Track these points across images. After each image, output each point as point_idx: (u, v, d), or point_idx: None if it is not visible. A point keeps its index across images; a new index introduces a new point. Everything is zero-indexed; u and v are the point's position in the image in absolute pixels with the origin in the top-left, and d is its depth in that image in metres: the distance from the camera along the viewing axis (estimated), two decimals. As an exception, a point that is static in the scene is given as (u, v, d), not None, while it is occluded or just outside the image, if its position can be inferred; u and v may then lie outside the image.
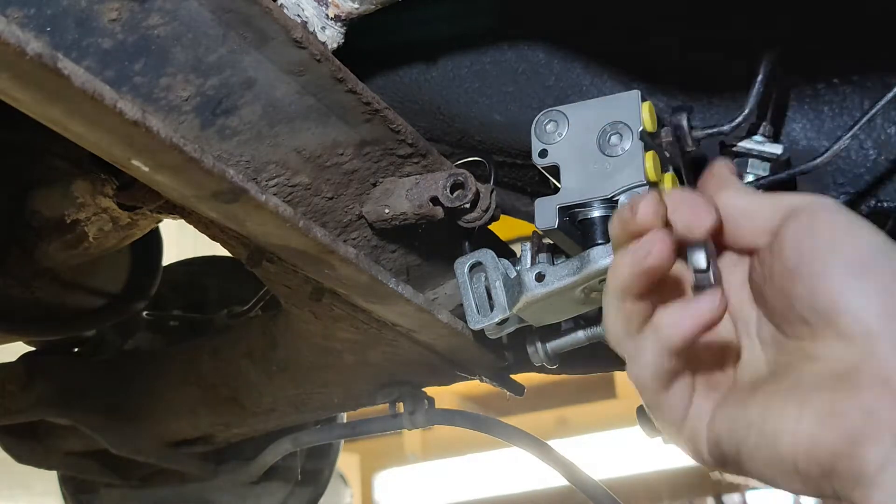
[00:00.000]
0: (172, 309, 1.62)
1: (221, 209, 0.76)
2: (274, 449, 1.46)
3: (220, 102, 0.71)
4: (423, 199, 0.83)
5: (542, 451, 1.26)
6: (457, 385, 1.29)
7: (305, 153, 0.79)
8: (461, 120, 0.94)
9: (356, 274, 0.88)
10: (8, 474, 2.43)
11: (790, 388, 0.56)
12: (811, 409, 0.54)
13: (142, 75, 0.65)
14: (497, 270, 0.89)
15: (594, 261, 0.78)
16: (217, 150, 0.73)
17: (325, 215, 0.85)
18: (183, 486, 1.66)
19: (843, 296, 0.54)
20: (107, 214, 1.14)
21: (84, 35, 0.61)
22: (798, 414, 0.54)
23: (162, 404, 1.44)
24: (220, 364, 1.35)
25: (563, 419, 6.79)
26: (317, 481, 1.71)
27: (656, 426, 0.62)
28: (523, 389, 1.29)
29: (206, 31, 0.66)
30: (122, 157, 0.68)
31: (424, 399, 1.30)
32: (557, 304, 0.84)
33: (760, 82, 0.77)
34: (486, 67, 0.91)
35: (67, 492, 1.73)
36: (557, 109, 0.82)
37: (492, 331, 0.91)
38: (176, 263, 1.68)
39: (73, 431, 1.48)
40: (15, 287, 1.23)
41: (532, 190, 1.02)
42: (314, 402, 1.33)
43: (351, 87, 0.75)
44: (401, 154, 0.85)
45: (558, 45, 0.89)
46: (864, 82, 0.82)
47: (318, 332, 1.13)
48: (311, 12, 0.74)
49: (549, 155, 0.81)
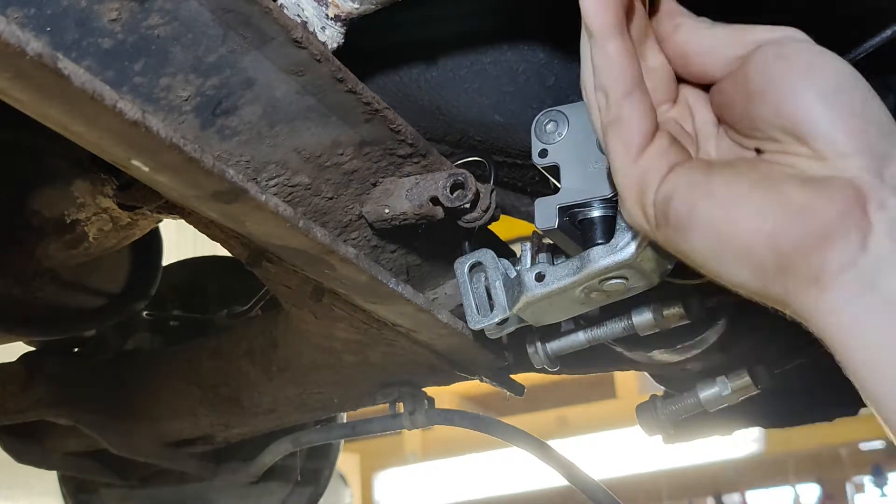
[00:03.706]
0: (172, 309, 1.62)
1: (221, 209, 0.76)
2: (274, 449, 1.46)
3: (220, 102, 0.71)
4: (423, 199, 0.83)
5: (542, 451, 1.27)
6: (457, 385, 1.29)
7: (305, 153, 0.79)
8: (461, 120, 0.94)
9: (356, 274, 0.88)
10: (8, 474, 2.43)
11: (760, 177, 0.56)
12: (782, 198, 0.54)
13: (142, 75, 0.65)
14: (497, 270, 0.89)
15: (594, 261, 0.78)
16: (217, 150, 0.73)
17: (325, 215, 0.85)
18: (183, 486, 1.66)
19: (814, 118, 0.55)
20: (107, 214, 1.14)
21: (84, 35, 0.61)
22: (767, 201, 0.54)
23: (162, 404, 1.44)
24: (220, 364, 1.35)
25: (563, 419, 6.79)
26: (317, 481, 1.72)
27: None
28: (523, 389, 1.29)
29: (206, 31, 0.66)
30: (122, 157, 0.68)
31: (424, 399, 1.30)
32: (557, 304, 0.84)
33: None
34: (486, 67, 0.91)
35: (67, 492, 1.73)
36: (557, 109, 0.82)
37: (492, 331, 0.91)
38: (176, 263, 1.69)
39: (73, 431, 1.48)
40: (15, 287, 1.23)
41: (532, 190, 1.02)
42: (314, 402, 1.33)
43: (351, 87, 0.75)
44: (401, 154, 0.85)
45: (558, 45, 0.89)
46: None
47: (318, 332, 1.13)
48: (311, 12, 0.74)
49: (549, 155, 0.81)
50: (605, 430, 6.56)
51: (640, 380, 5.99)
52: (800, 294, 0.54)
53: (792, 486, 6.78)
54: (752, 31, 0.60)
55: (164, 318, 1.62)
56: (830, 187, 0.53)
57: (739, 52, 0.59)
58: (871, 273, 0.52)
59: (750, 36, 0.59)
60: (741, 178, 0.56)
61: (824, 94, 0.55)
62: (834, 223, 0.53)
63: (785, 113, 0.56)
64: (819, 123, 0.55)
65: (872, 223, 0.52)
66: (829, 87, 0.55)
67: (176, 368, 1.42)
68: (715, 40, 0.60)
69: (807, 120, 0.55)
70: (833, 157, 0.54)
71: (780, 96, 0.56)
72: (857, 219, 0.52)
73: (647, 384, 1.33)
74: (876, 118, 0.55)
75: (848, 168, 0.54)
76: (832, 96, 0.55)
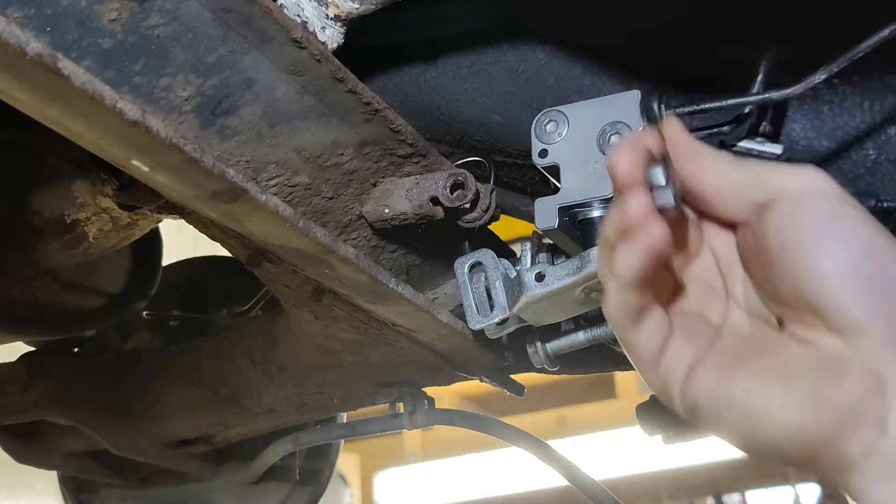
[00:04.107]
0: (172, 309, 1.62)
1: (221, 209, 0.76)
2: (274, 449, 1.46)
3: (220, 102, 0.71)
4: (423, 199, 0.83)
5: (542, 451, 1.26)
6: (457, 385, 1.29)
7: (305, 153, 0.79)
8: (461, 120, 0.94)
9: (356, 274, 0.88)
10: (8, 474, 2.43)
11: (777, 370, 0.55)
12: (797, 394, 0.54)
13: (142, 75, 0.65)
14: (497, 270, 0.89)
15: (594, 261, 0.78)
16: (217, 150, 0.73)
17: (325, 215, 0.85)
18: (183, 486, 1.66)
19: (830, 292, 0.54)
20: (107, 214, 1.14)
21: (84, 35, 0.61)
22: (784, 398, 0.54)
23: (162, 404, 1.44)
24: (220, 364, 1.35)
25: (563, 419, 6.78)
26: (317, 481, 1.71)
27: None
28: (523, 389, 1.29)
29: (206, 31, 0.66)
30: (122, 157, 0.68)
31: (424, 399, 1.30)
32: (557, 304, 0.84)
33: (760, 82, 0.77)
34: (486, 67, 0.91)
35: (67, 492, 1.73)
36: (557, 109, 0.82)
37: (492, 331, 0.90)
38: (176, 263, 1.68)
39: (73, 431, 1.48)
40: (15, 287, 1.23)
41: (532, 190, 1.02)
42: (314, 403, 1.33)
43: (351, 87, 0.75)
44: (401, 154, 0.85)
45: (558, 45, 0.89)
46: (864, 82, 0.82)
47: (318, 332, 1.13)
48: (311, 12, 0.74)
49: (549, 155, 0.81)
50: (605, 430, 6.55)
51: (640, 380, 5.97)
52: (832, 478, 0.54)
53: (792, 486, 6.78)
54: (774, 174, 0.58)
55: (164, 318, 1.61)
56: (844, 372, 0.53)
57: (760, 197, 0.57)
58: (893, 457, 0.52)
59: (771, 181, 0.57)
60: (759, 376, 0.56)
61: (839, 263, 0.54)
62: (850, 414, 0.52)
63: (801, 285, 0.55)
64: (833, 296, 0.53)
65: (890, 405, 0.52)
66: (844, 256, 0.54)
67: (176, 368, 1.42)
68: (736, 183, 0.59)
69: (821, 292, 0.54)
70: (848, 333, 0.53)
71: (796, 267, 0.55)
72: (873, 404, 0.52)
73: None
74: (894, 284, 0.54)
75: (862, 345, 0.53)
76: (848, 265, 0.54)
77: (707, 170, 0.60)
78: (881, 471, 0.52)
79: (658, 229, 0.56)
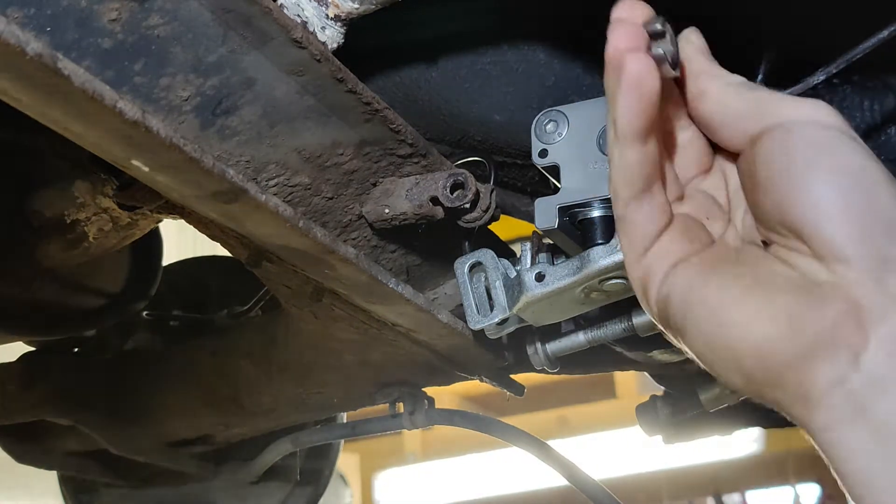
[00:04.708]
0: (172, 309, 1.62)
1: (221, 209, 0.76)
2: (274, 449, 1.46)
3: (220, 102, 0.71)
4: (423, 199, 0.83)
5: (542, 451, 1.27)
6: (457, 385, 1.29)
7: (305, 153, 0.79)
8: (461, 120, 0.94)
9: (356, 274, 0.88)
10: (8, 474, 2.43)
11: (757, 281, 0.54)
12: (772, 307, 0.52)
13: (142, 75, 0.65)
14: (497, 270, 0.89)
15: (594, 261, 0.78)
16: (217, 150, 0.73)
17: (325, 215, 0.85)
18: (183, 486, 1.66)
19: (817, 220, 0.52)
20: (107, 214, 1.14)
21: (84, 35, 0.61)
22: (756, 310, 0.52)
23: (162, 404, 1.44)
24: (220, 364, 1.35)
25: (563, 419, 6.79)
26: (317, 481, 1.72)
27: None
28: (523, 389, 1.29)
29: (206, 31, 0.66)
30: (122, 157, 0.68)
31: (424, 399, 1.30)
32: (557, 304, 0.84)
33: (760, 82, 0.77)
34: (486, 67, 0.91)
35: (67, 492, 1.73)
36: (557, 109, 0.82)
37: (492, 331, 0.91)
38: (176, 263, 1.69)
39: (73, 431, 1.48)
40: (15, 287, 1.23)
41: (532, 190, 1.02)
42: (314, 402, 1.33)
43: (351, 87, 0.75)
44: (401, 154, 0.85)
45: (558, 45, 0.89)
46: (864, 82, 0.82)
47: (318, 333, 1.13)
48: (311, 12, 0.74)
49: (549, 155, 0.81)
50: (605, 430, 6.56)
51: (640, 380, 5.99)
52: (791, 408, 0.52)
53: (792, 486, 6.78)
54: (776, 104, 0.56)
55: (164, 318, 1.62)
56: (824, 297, 0.51)
57: (757, 128, 0.56)
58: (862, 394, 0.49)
59: (772, 110, 0.56)
60: (736, 282, 0.54)
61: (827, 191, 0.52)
62: (823, 339, 0.50)
63: (786, 209, 0.53)
64: (818, 224, 0.52)
65: (868, 339, 0.50)
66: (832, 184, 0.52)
67: (176, 368, 1.42)
68: (738, 112, 0.57)
69: (807, 219, 0.52)
70: (832, 260, 0.51)
71: (782, 191, 0.53)
72: (850, 334, 0.50)
73: (647, 384, 1.33)
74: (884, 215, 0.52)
75: (847, 274, 0.51)
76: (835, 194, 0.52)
77: (708, 96, 0.59)
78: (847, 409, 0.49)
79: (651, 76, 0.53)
